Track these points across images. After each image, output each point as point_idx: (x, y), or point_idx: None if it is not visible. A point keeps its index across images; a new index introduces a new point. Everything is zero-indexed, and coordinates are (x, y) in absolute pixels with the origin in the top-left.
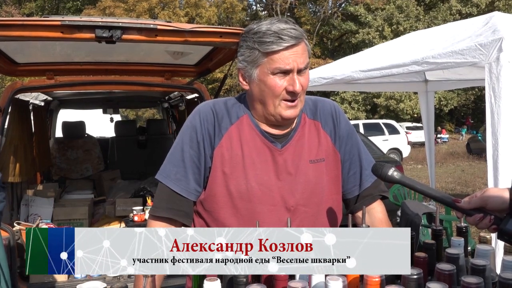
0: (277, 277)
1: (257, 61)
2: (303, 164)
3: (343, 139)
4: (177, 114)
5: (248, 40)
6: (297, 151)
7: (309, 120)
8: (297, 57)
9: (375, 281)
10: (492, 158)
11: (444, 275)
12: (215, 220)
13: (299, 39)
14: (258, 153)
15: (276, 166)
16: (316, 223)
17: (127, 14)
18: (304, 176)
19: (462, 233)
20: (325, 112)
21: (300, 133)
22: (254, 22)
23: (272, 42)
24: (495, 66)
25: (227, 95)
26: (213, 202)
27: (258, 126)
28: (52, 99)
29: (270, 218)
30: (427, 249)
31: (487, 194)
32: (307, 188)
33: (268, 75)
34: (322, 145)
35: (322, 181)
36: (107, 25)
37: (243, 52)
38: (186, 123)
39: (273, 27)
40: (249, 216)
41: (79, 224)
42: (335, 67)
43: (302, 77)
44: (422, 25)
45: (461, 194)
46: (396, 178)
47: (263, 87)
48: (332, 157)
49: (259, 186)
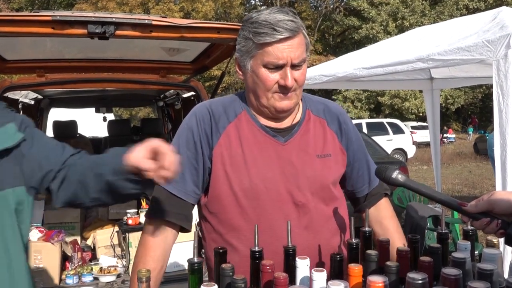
0: (277, 282)
1: (251, 52)
2: (310, 158)
3: (351, 140)
4: (173, 113)
5: (245, 29)
6: (302, 145)
7: (314, 116)
8: (291, 51)
9: (378, 286)
10: (500, 159)
11: (450, 280)
12: (222, 222)
13: (295, 32)
14: (260, 149)
15: (280, 161)
16: (329, 221)
17: (119, 8)
18: (312, 171)
19: (468, 237)
20: (331, 112)
21: (304, 128)
22: (255, 11)
23: (266, 34)
24: (503, 63)
25: (225, 93)
26: (218, 203)
27: (257, 121)
28: (43, 97)
29: (278, 215)
30: (432, 253)
31: (494, 197)
32: (315, 183)
33: (261, 67)
34: (328, 142)
35: (331, 176)
36: (100, 20)
37: (240, 41)
38: (182, 125)
39: (270, 17)
40: (256, 214)
41: (70, 227)
42: (337, 64)
43: (296, 72)
44: (428, 21)
45: (468, 196)
46: (400, 181)
47: (256, 79)
48: (339, 155)
49: (263, 182)
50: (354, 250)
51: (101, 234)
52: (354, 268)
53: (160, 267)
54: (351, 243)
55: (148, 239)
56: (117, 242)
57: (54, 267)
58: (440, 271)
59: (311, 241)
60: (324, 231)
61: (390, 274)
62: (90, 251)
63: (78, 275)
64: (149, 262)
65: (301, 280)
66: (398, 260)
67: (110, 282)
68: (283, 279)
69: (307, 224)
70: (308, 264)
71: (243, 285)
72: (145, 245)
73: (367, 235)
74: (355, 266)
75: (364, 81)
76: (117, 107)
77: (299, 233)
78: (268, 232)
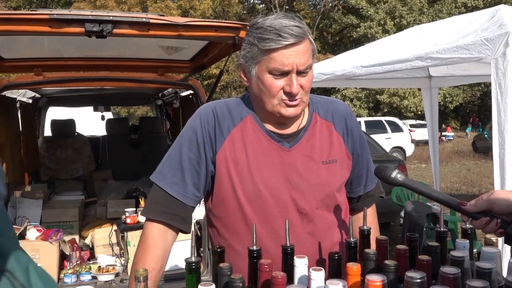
0: (275, 281)
1: (256, 58)
2: (315, 164)
3: (356, 142)
4: (171, 111)
5: (250, 35)
6: (307, 151)
7: (320, 120)
8: (297, 57)
9: (377, 285)
10: (498, 157)
11: (449, 278)
12: (226, 226)
13: (300, 38)
14: (264, 155)
15: (284, 167)
16: (331, 228)
17: (118, 6)
18: (316, 178)
19: (467, 235)
20: (338, 113)
21: (310, 133)
22: (261, 16)
23: (271, 40)
24: (501, 62)
25: (223, 91)
26: (222, 208)
27: (263, 126)
28: (41, 96)
29: (281, 221)
30: (431, 252)
31: (494, 196)
32: (320, 190)
33: (266, 73)
34: (334, 146)
35: (336, 183)
36: (98, 18)
37: (245, 47)
38: (186, 125)
39: (275, 23)
40: (260, 220)
41: (69, 226)
42: (335, 62)
43: (302, 78)
44: (426, 19)
45: (466, 194)
46: (399, 180)
47: (261, 85)
48: (345, 160)
49: (267, 189)
50: (352, 249)
51: (100, 233)
52: (352, 267)
53: (159, 267)
54: (349, 242)
55: (148, 239)
56: (116, 241)
57: (52, 266)
58: (438, 269)
59: (315, 247)
60: (327, 237)
61: (388, 273)
62: (89, 250)
63: (77, 274)
64: (149, 261)
65: (299, 279)
66: (397, 259)
67: (108, 281)
68: (281, 278)
69: (311, 231)
70: (306, 263)
71: (241, 285)
72: (145, 244)
73: (365, 234)
74: (353, 265)
75: (362, 79)
76: (115, 105)
77: (303, 240)
78: (271, 238)
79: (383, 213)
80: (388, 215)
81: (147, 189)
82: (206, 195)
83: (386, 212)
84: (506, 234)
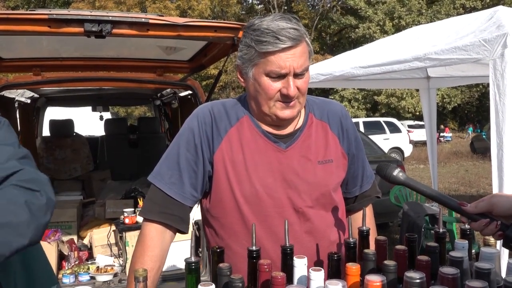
0: (274, 282)
1: (253, 60)
2: (311, 165)
3: (351, 142)
4: (169, 111)
5: (247, 37)
6: (303, 151)
7: (316, 120)
8: (294, 60)
9: (376, 285)
10: (496, 158)
11: (448, 279)
12: (224, 226)
13: (297, 41)
14: (260, 155)
15: (281, 167)
16: (329, 226)
17: (117, 7)
18: (313, 177)
19: (466, 236)
20: (333, 114)
21: (306, 133)
22: (258, 17)
23: (268, 42)
24: (499, 63)
25: (222, 92)
26: (220, 208)
27: (259, 127)
28: (39, 96)
29: (278, 221)
30: (430, 252)
31: (494, 198)
32: (316, 189)
33: (263, 76)
34: (330, 147)
35: (332, 182)
36: (97, 19)
37: (241, 48)
38: (183, 126)
39: (273, 25)
40: (257, 220)
41: (67, 226)
42: (334, 63)
43: (299, 80)
44: (425, 20)
45: (464, 195)
46: (401, 179)
47: (258, 87)
48: (340, 160)
49: (264, 188)
50: (351, 249)
51: (98, 233)
52: (352, 267)
53: (158, 267)
54: (349, 242)
55: (146, 239)
56: (114, 241)
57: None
58: (437, 270)
59: (313, 245)
60: (325, 236)
61: (388, 273)
62: (87, 250)
63: (75, 274)
64: (147, 261)
65: (299, 280)
66: (396, 259)
67: (107, 281)
68: (281, 279)
69: (308, 230)
70: (305, 264)
71: (241, 285)
72: (143, 244)
73: (365, 234)
74: (352, 265)
75: (361, 80)
76: (113, 105)
77: (300, 238)
78: (269, 237)
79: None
80: (386, 216)
81: (146, 189)
82: (203, 195)
83: (384, 213)
84: (505, 236)
